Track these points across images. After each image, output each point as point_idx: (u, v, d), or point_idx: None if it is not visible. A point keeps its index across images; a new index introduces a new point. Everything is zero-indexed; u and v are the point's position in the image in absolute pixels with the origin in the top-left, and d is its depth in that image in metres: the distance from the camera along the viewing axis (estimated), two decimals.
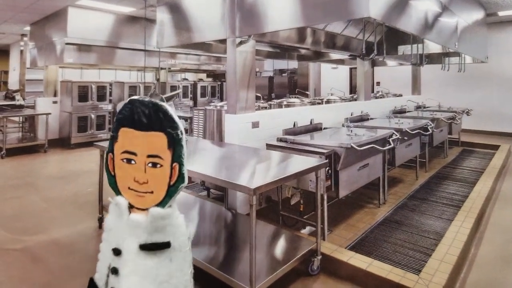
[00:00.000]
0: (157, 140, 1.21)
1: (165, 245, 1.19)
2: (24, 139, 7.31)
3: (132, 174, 1.23)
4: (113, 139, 1.28)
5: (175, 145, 1.22)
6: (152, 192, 1.22)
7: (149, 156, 1.21)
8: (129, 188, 1.23)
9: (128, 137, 1.23)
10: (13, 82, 11.80)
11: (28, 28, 8.63)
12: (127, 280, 1.18)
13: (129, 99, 1.27)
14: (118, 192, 1.26)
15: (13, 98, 8.07)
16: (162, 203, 1.22)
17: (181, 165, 1.22)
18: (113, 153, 1.27)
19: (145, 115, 1.21)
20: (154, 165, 1.21)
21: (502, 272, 2.61)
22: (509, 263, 2.73)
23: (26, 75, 10.22)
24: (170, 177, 1.22)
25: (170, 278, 1.18)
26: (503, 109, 8.67)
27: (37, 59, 8.21)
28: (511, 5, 6.79)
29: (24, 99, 8.34)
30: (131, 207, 1.24)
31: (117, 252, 1.20)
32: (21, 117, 7.99)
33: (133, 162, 1.22)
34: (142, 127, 1.22)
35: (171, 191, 1.23)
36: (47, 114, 6.95)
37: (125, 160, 1.24)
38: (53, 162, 6.32)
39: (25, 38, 9.85)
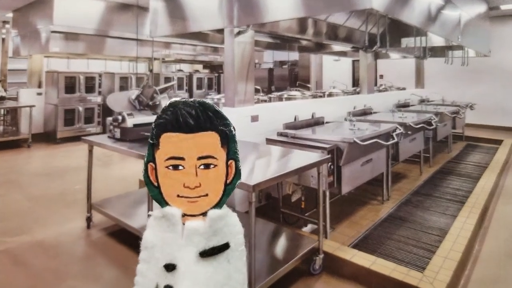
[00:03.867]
0: (209, 140, 1.14)
1: (225, 247, 1.13)
2: (5, 133, 6.99)
3: (181, 181, 1.15)
4: (154, 147, 1.19)
5: (229, 142, 1.17)
6: (206, 195, 1.16)
7: (200, 158, 1.14)
8: (178, 196, 1.17)
9: (173, 142, 1.14)
10: None
11: (10, 14, 8.31)
12: None
13: (169, 102, 1.19)
14: (164, 204, 1.19)
15: None
16: (219, 204, 1.18)
17: (237, 161, 1.19)
18: (154, 162, 1.18)
19: (192, 116, 1.13)
20: (207, 166, 1.14)
21: (506, 268, 2.60)
22: None
23: (8, 65, 9.75)
24: (227, 176, 1.18)
25: (229, 280, 1.14)
26: (506, 103, 8.59)
27: (21, 47, 7.93)
28: None
29: (5, 90, 7.98)
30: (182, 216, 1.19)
31: (171, 267, 1.12)
32: (2, 110, 7.65)
33: (180, 167, 1.15)
34: (189, 129, 1.14)
35: (229, 189, 1.19)
36: (31, 106, 6.67)
37: (171, 167, 1.16)
38: (38, 157, 6.04)
39: (7, 26, 9.42)
